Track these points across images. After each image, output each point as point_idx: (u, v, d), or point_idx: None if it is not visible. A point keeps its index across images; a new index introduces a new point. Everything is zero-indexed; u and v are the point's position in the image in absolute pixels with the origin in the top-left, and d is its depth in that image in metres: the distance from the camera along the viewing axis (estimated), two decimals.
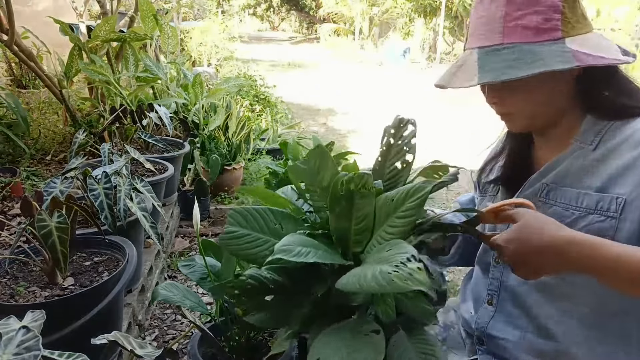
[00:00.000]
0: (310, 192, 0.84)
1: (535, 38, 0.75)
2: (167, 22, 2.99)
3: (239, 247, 0.81)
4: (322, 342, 0.69)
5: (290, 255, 0.69)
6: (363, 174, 0.75)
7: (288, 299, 0.81)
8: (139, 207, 1.58)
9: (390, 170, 0.87)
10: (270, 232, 0.83)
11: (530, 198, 0.87)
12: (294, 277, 0.81)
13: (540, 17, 0.76)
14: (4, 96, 2.86)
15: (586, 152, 0.82)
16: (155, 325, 1.93)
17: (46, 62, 3.41)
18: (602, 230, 0.77)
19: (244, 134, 3.34)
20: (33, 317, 0.76)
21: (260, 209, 0.85)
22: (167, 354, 0.90)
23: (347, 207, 0.77)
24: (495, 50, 0.77)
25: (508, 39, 0.77)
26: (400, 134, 0.86)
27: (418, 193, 0.74)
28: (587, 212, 0.79)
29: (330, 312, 0.82)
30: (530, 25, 0.76)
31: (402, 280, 0.59)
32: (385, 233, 0.76)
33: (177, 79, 3.59)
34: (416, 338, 0.76)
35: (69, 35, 2.62)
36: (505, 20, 0.77)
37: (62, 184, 1.55)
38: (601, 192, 0.78)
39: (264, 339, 1.33)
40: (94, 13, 5.30)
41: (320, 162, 0.81)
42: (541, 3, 0.76)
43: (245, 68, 6.91)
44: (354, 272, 0.68)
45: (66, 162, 2.84)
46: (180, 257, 2.52)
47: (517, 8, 0.76)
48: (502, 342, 0.91)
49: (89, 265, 1.43)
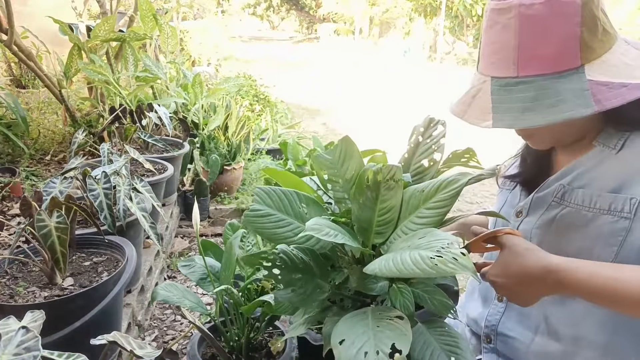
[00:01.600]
0: (333, 183, 0.84)
1: (552, 69, 0.70)
2: (166, 21, 2.99)
3: (263, 226, 0.80)
4: (344, 325, 0.68)
5: (321, 234, 0.69)
6: (392, 166, 0.75)
7: (313, 281, 0.81)
8: (138, 207, 1.58)
9: (416, 167, 0.87)
10: (295, 214, 0.82)
11: (545, 198, 0.87)
12: (318, 260, 0.81)
13: (556, 48, 0.70)
14: (4, 96, 2.85)
15: (609, 155, 0.80)
16: (155, 326, 1.93)
17: (45, 62, 3.40)
18: (615, 231, 0.76)
19: (243, 133, 3.34)
20: (32, 317, 0.76)
21: (286, 190, 0.84)
22: (167, 354, 0.89)
23: (372, 198, 0.77)
24: (509, 84, 0.73)
25: (523, 72, 0.72)
26: (430, 133, 0.87)
27: (453, 185, 0.73)
28: (600, 212, 0.78)
29: (346, 302, 0.83)
30: (546, 56, 0.71)
31: (446, 264, 0.58)
32: (413, 224, 0.75)
33: (177, 78, 3.58)
34: (437, 331, 0.76)
35: (69, 35, 2.62)
36: (519, 50, 0.72)
37: (61, 184, 1.55)
38: (615, 192, 0.77)
39: (264, 339, 1.33)
40: (94, 13, 5.30)
41: (345, 152, 0.80)
42: (557, 31, 0.70)
43: (245, 68, 6.91)
44: (384, 258, 0.66)
45: (65, 162, 2.84)
46: (180, 257, 2.52)
47: (531, 37, 0.71)
48: (511, 341, 0.90)
49: (88, 265, 1.43)
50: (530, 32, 0.71)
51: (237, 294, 1.18)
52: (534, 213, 0.88)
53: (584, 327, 0.82)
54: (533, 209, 0.89)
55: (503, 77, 0.74)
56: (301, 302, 0.81)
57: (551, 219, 0.85)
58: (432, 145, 0.86)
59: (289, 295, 0.80)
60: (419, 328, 0.76)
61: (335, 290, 0.81)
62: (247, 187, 3.35)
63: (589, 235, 0.79)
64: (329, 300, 0.82)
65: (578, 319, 0.82)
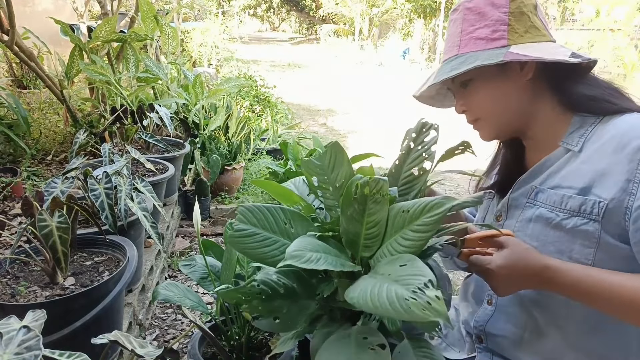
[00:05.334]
0: (323, 190, 0.82)
1: (485, 47, 0.85)
2: (167, 22, 2.99)
3: (248, 246, 0.78)
4: (328, 352, 0.68)
5: (302, 262, 0.66)
6: (378, 180, 0.73)
7: (297, 303, 0.79)
8: (139, 207, 1.58)
9: (406, 176, 0.85)
10: (280, 231, 0.80)
11: (519, 199, 0.90)
12: (303, 280, 0.80)
13: (489, 29, 0.86)
14: (5, 96, 2.86)
15: (572, 154, 0.84)
16: (156, 325, 1.94)
17: (47, 62, 3.42)
18: (588, 233, 0.79)
19: (244, 134, 3.34)
20: (34, 316, 0.76)
21: (270, 207, 0.82)
22: (168, 354, 0.90)
23: (359, 211, 0.75)
24: (450, 60, 0.89)
25: (462, 50, 0.88)
26: (421, 139, 0.84)
27: (437, 209, 0.71)
28: (570, 214, 0.81)
29: (335, 313, 0.82)
30: (481, 37, 0.86)
31: (421, 309, 0.57)
32: (398, 244, 0.74)
33: (178, 79, 3.59)
34: (422, 351, 0.75)
35: (70, 35, 2.62)
36: (461, 35, 0.89)
37: (62, 184, 1.56)
38: (584, 194, 0.80)
39: (264, 338, 1.34)
40: (95, 13, 5.31)
41: (335, 159, 0.79)
42: (489, 17, 0.86)
43: (245, 68, 6.91)
44: (364, 284, 0.65)
45: (67, 162, 2.85)
46: (181, 256, 2.53)
47: (470, 24, 0.88)
48: (501, 340, 0.92)
49: (89, 265, 1.43)
50: (470, 19, 0.88)
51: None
52: (512, 215, 0.91)
53: (571, 326, 0.83)
54: (511, 210, 0.92)
55: (448, 58, 0.90)
56: (285, 328, 0.80)
57: (528, 219, 0.87)
58: (422, 152, 0.83)
59: (271, 323, 0.79)
60: (405, 346, 0.75)
61: (324, 303, 0.79)
62: (248, 187, 3.36)
63: (565, 236, 0.81)
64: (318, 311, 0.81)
65: (565, 318, 0.84)
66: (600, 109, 0.84)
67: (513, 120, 0.90)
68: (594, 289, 0.75)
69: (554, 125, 0.88)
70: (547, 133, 0.88)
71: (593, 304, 0.76)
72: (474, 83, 0.88)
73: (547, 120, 0.88)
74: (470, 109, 0.92)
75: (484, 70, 0.84)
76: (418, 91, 0.99)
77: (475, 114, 0.92)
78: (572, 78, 0.86)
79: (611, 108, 0.83)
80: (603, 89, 0.85)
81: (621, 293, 0.73)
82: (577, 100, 0.85)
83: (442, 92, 0.98)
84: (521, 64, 0.85)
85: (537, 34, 0.86)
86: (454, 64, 0.86)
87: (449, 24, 0.95)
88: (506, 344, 0.91)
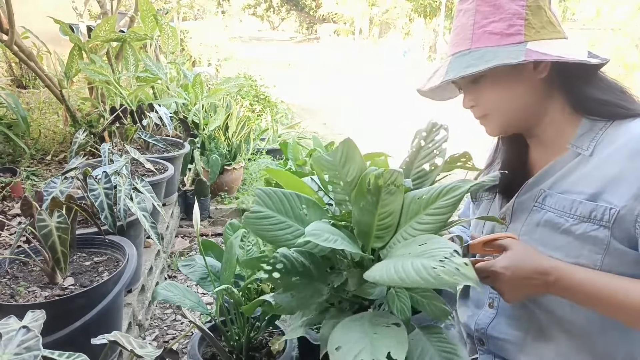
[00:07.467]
0: (334, 185, 0.83)
1: (500, 42, 0.81)
2: (167, 22, 2.99)
3: (262, 228, 0.80)
4: (341, 331, 0.68)
5: (320, 240, 0.68)
6: (393, 171, 0.75)
7: (312, 285, 0.80)
8: (139, 207, 1.58)
9: (417, 172, 0.87)
10: (295, 216, 0.82)
11: (526, 203, 0.88)
12: (318, 264, 0.81)
13: (505, 23, 0.81)
14: (4, 96, 2.86)
15: (583, 158, 0.83)
16: (156, 325, 1.93)
17: (46, 62, 3.41)
18: (597, 239, 0.78)
19: (244, 134, 3.34)
20: (33, 317, 0.76)
21: (287, 192, 0.84)
22: (167, 354, 0.90)
23: (372, 202, 0.77)
24: (463, 54, 0.84)
25: (475, 44, 0.83)
26: (432, 137, 0.86)
27: (453, 192, 0.73)
28: (580, 220, 0.80)
29: (344, 304, 0.82)
30: (495, 31, 0.82)
31: (450, 275, 0.57)
32: (413, 229, 0.75)
33: (177, 79, 3.59)
34: (435, 337, 0.75)
35: (69, 35, 2.62)
36: (474, 28, 0.84)
37: (62, 184, 1.55)
38: (594, 199, 0.79)
39: (264, 338, 1.34)
40: (94, 13, 5.30)
41: (347, 155, 0.80)
42: (506, 10, 0.81)
43: (245, 68, 6.91)
44: (384, 264, 0.66)
45: (66, 162, 2.85)
46: (181, 257, 2.52)
47: (484, 17, 0.83)
48: (502, 343, 0.91)
49: (89, 265, 1.43)
50: (484, 12, 0.83)
51: (237, 294, 1.18)
52: (518, 219, 0.90)
53: (574, 328, 0.83)
54: (516, 214, 0.91)
55: (460, 51, 0.85)
56: (300, 306, 0.81)
57: (535, 223, 0.86)
58: (433, 149, 0.85)
59: (287, 298, 0.80)
60: (417, 334, 0.76)
61: (334, 293, 0.80)
62: (248, 187, 3.36)
63: (574, 242, 0.80)
64: (327, 302, 0.82)
65: (567, 321, 0.83)
66: (611, 114, 0.82)
67: (522, 118, 0.87)
68: (599, 293, 0.74)
69: (562, 125, 0.86)
70: (555, 133, 0.87)
71: (597, 307, 0.76)
72: (486, 79, 0.84)
73: (555, 120, 0.87)
74: (480, 105, 0.89)
75: (497, 67, 0.80)
76: (426, 85, 0.91)
77: (484, 110, 0.89)
78: (584, 78, 0.84)
79: (623, 113, 0.82)
80: (615, 92, 0.84)
81: (627, 297, 0.73)
82: (589, 103, 0.83)
83: (443, 85, 0.96)
84: (536, 62, 0.81)
85: (553, 30, 0.82)
86: (468, 59, 0.82)
87: (457, 14, 0.89)
88: (509, 347, 0.90)
